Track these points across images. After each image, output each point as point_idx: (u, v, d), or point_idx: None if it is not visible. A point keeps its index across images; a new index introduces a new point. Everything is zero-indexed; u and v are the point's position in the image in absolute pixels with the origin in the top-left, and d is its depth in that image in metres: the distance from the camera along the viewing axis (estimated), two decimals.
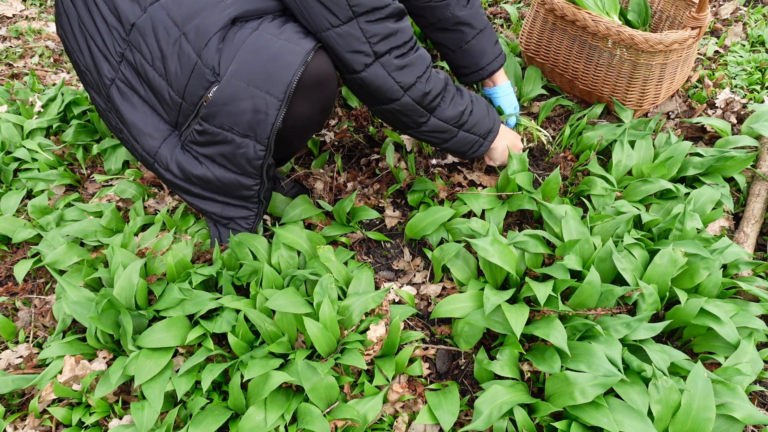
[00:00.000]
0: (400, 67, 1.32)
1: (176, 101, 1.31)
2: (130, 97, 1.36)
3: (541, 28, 2.01)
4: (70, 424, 1.25)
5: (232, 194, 1.44)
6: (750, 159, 1.70)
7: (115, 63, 1.34)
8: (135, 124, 1.37)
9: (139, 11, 1.27)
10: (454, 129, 1.49)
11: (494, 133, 1.59)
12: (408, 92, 1.36)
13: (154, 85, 1.31)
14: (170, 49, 1.26)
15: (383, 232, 1.71)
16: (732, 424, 1.15)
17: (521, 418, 1.18)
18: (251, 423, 1.17)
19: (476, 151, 1.59)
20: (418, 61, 1.35)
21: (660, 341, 1.40)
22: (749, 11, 2.56)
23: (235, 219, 1.51)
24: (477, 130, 1.54)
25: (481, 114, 1.53)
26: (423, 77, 1.36)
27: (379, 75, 1.31)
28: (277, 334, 1.31)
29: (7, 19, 2.87)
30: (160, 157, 1.39)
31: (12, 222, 1.65)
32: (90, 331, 1.32)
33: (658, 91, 1.89)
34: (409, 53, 1.34)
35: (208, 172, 1.38)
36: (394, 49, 1.30)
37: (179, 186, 1.43)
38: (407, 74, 1.34)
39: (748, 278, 1.47)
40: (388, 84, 1.33)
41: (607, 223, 1.52)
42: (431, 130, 1.47)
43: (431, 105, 1.41)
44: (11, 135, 1.90)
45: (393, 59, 1.30)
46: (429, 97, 1.39)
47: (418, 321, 1.49)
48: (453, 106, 1.45)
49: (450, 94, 1.45)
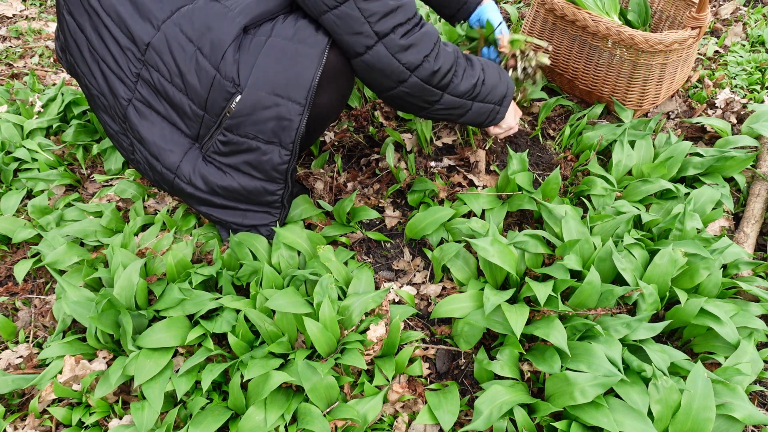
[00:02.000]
0: (404, 47, 1.26)
1: (198, 114, 1.32)
2: (148, 115, 1.36)
3: (541, 28, 2.01)
4: (70, 424, 1.25)
5: (255, 201, 1.45)
6: (750, 159, 1.70)
7: (131, 83, 1.34)
8: (155, 142, 1.37)
9: (153, 30, 1.27)
10: (468, 102, 1.44)
11: (509, 98, 1.53)
12: (415, 72, 1.30)
13: (175, 101, 1.32)
14: (187, 66, 1.26)
15: (383, 232, 1.71)
16: (732, 424, 1.15)
17: (521, 418, 1.18)
18: (251, 423, 1.17)
19: (493, 120, 1.54)
20: (425, 39, 1.29)
21: (660, 341, 1.40)
22: (749, 11, 2.56)
23: (256, 227, 1.51)
24: (491, 98, 1.48)
25: (493, 81, 1.46)
26: (431, 55, 1.30)
27: (383, 56, 1.26)
28: (277, 334, 1.31)
29: (7, 19, 2.87)
30: (181, 171, 1.39)
31: (12, 222, 1.65)
32: (90, 331, 1.32)
33: (658, 91, 1.89)
34: (414, 30, 1.27)
35: (233, 181, 1.39)
36: (398, 27, 1.24)
37: (201, 199, 1.43)
38: (413, 54, 1.28)
39: (748, 278, 1.47)
40: (393, 66, 1.28)
41: (607, 223, 1.52)
42: (446, 108, 1.42)
43: (442, 82, 1.35)
44: (11, 135, 1.90)
45: (398, 39, 1.25)
46: (438, 75, 1.33)
47: (418, 321, 1.49)
48: (466, 80, 1.39)
49: (461, 67, 1.38)
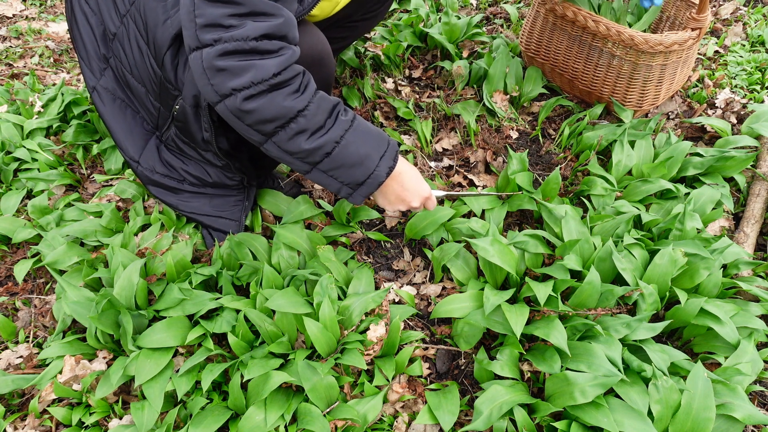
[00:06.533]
0: (217, 68, 1.04)
1: (156, 106, 1.40)
2: (111, 102, 1.46)
3: (542, 28, 2.01)
4: (70, 424, 1.25)
5: (217, 185, 1.53)
6: (750, 159, 1.70)
7: (98, 71, 1.45)
8: (120, 129, 1.48)
9: (118, 22, 1.36)
10: (304, 164, 1.19)
11: (369, 188, 1.23)
12: (225, 101, 1.08)
13: (136, 91, 1.40)
14: (142, 61, 1.34)
15: (383, 232, 1.71)
16: (732, 424, 1.15)
17: (521, 418, 1.18)
18: (251, 423, 1.17)
19: (346, 197, 1.26)
20: (249, 71, 1.04)
21: (660, 341, 1.40)
22: (749, 11, 2.56)
23: (223, 216, 1.56)
24: (339, 176, 1.21)
25: (348, 160, 1.18)
26: (243, 93, 1.05)
27: (196, 66, 1.07)
28: (277, 334, 1.31)
29: (7, 19, 2.87)
30: (144, 158, 1.48)
31: (12, 222, 1.65)
32: (90, 331, 1.32)
33: (657, 92, 1.89)
34: (239, 56, 1.04)
35: (190, 167, 1.49)
36: (219, 42, 1.03)
37: (166, 186, 1.53)
38: (223, 79, 1.05)
39: (748, 278, 1.47)
40: (203, 81, 1.08)
41: (607, 223, 1.52)
42: (276, 156, 1.19)
43: (263, 129, 1.12)
44: (11, 135, 1.90)
45: (213, 56, 1.04)
46: (252, 119, 1.09)
47: (418, 321, 1.49)
48: (300, 141, 1.14)
49: (298, 127, 1.11)
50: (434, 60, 2.30)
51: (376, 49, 2.26)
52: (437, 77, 2.24)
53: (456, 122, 1.99)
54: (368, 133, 1.20)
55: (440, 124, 2.01)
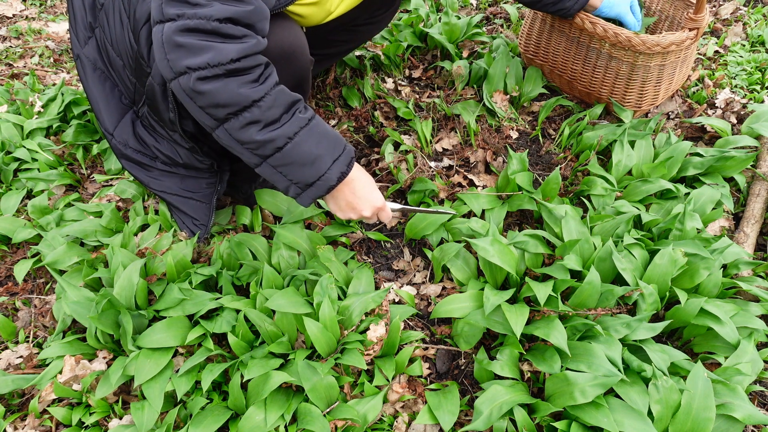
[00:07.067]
0: (178, 44, 1.03)
1: (132, 81, 1.42)
2: (92, 72, 1.47)
3: (540, 29, 2.01)
4: (70, 424, 1.25)
5: (188, 166, 1.54)
6: (750, 159, 1.70)
7: (84, 39, 1.47)
8: (99, 100, 1.49)
9: None
10: (254, 156, 1.17)
11: (318, 190, 1.21)
12: (179, 78, 1.07)
13: (115, 64, 1.42)
14: (122, 34, 1.35)
15: (383, 232, 1.71)
16: (732, 424, 1.15)
17: (521, 418, 1.18)
18: (251, 423, 1.17)
19: (295, 197, 1.24)
20: (207, 51, 1.03)
21: (660, 341, 1.40)
22: (749, 11, 2.56)
23: (193, 198, 1.57)
24: (289, 173, 1.18)
25: (300, 158, 1.16)
26: (198, 73, 1.04)
27: (157, 38, 1.06)
28: (277, 334, 1.31)
29: (7, 19, 2.87)
30: (119, 132, 1.50)
31: (12, 222, 1.65)
32: (90, 331, 1.32)
33: (656, 92, 1.89)
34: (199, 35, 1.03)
35: (162, 146, 1.50)
36: (180, 18, 1.03)
37: (138, 162, 1.54)
38: (179, 55, 1.04)
39: (748, 278, 1.47)
40: (160, 55, 1.06)
41: (607, 223, 1.52)
42: (227, 143, 1.17)
43: (215, 113, 1.11)
44: (11, 135, 1.90)
45: (173, 29, 1.03)
46: (205, 101, 1.08)
47: (418, 321, 1.49)
48: (252, 132, 1.12)
49: (251, 117, 1.10)
50: (434, 60, 2.30)
51: (376, 49, 2.27)
52: (437, 77, 2.24)
53: (456, 122, 1.99)
54: (324, 135, 1.19)
55: (440, 124, 2.01)
